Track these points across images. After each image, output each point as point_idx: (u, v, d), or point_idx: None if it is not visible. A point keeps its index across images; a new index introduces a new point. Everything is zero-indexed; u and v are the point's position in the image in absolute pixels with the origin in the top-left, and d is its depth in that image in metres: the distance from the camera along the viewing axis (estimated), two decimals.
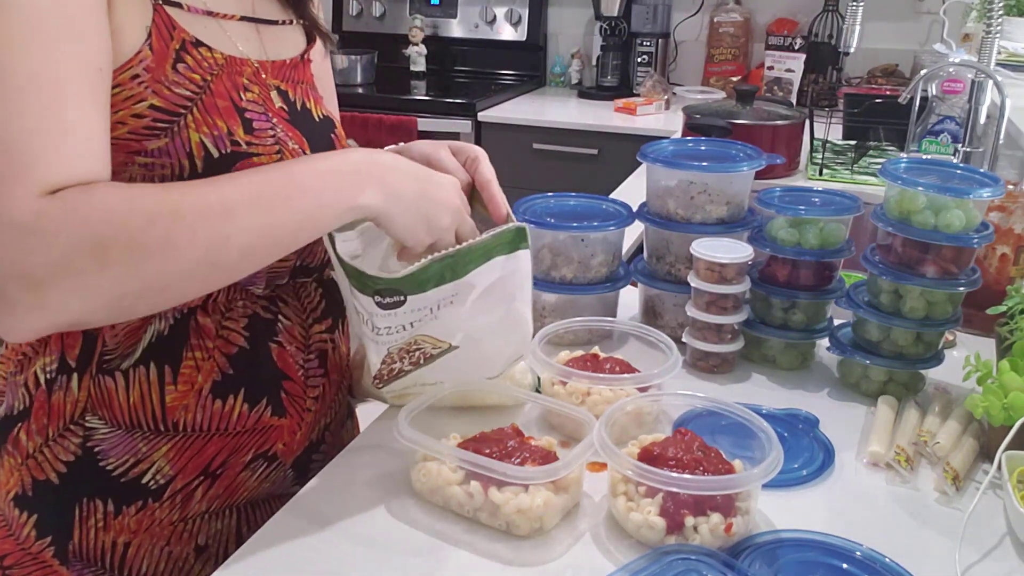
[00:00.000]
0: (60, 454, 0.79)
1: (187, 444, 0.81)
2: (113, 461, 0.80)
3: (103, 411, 0.79)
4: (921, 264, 0.98)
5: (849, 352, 1.04)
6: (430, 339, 0.84)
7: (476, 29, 3.27)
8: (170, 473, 0.81)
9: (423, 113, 2.82)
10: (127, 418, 0.79)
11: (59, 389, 0.79)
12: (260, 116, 0.81)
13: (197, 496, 0.83)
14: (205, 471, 0.83)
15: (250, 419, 0.84)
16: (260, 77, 0.83)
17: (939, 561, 0.76)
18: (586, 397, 0.94)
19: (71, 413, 0.79)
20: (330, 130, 0.92)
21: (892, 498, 0.85)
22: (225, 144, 0.77)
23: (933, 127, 1.90)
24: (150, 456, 0.80)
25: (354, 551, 0.76)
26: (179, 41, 0.76)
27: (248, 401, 0.83)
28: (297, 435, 0.89)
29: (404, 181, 0.76)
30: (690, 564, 0.72)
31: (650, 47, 3.06)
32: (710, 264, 1.04)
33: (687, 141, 1.27)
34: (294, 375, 0.87)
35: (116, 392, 0.79)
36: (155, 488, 0.81)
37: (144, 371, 0.79)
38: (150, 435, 0.80)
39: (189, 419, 0.81)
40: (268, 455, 0.87)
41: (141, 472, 0.81)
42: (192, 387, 0.80)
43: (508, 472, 0.76)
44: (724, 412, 0.85)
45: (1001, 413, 0.86)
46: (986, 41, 1.70)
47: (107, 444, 0.79)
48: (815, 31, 2.85)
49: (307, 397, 0.88)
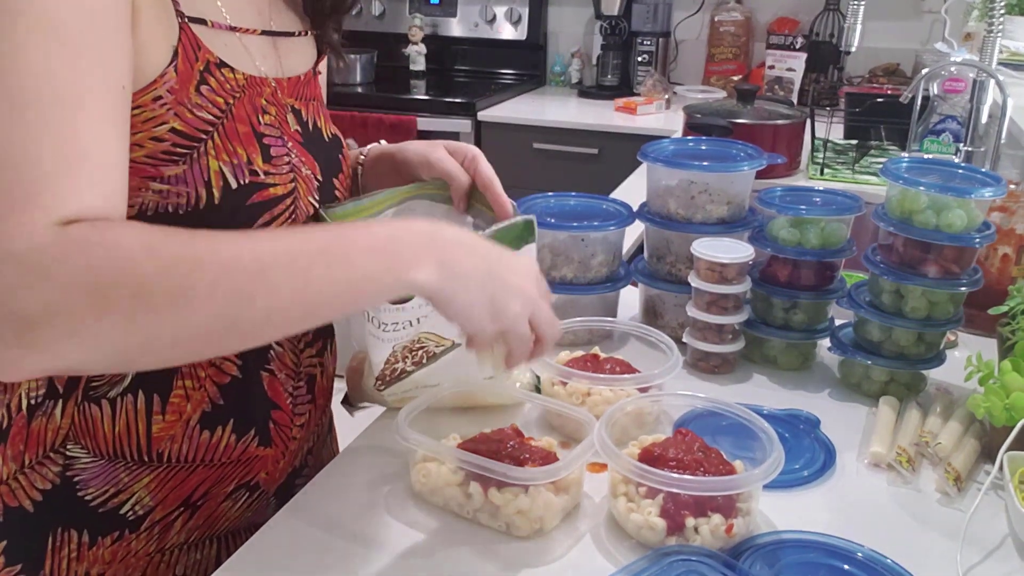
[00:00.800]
0: (36, 482, 0.76)
1: (170, 475, 0.79)
2: (92, 491, 0.77)
3: (86, 440, 0.76)
4: (923, 264, 0.98)
5: (850, 352, 1.04)
6: (434, 336, 0.84)
7: (476, 28, 3.26)
8: (150, 504, 0.79)
9: (423, 112, 2.82)
10: (110, 448, 0.76)
11: (42, 415, 0.76)
12: (277, 141, 0.78)
13: (176, 527, 0.81)
14: (185, 502, 0.80)
15: (236, 450, 0.81)
16: (277, 97, 0.80)
17: (941, 562, 0.76)
18: (586, 397, 0.94)
19: (52, 441, 0.76)
20: (339, 151, 0.89)
21: (893, 499, 0.85)
22: (244, 174, 0.73)
23: (935, 126, 1.90)
24: (131, 487, 0.78)
25: (354, 551, 0.75)
26: (203, 62, 0.72)
27: (236, 432, 0.81)
28: (280, 463, 0.86)
29: (469, 258, 0.67)
30: (691, 565, 0.72)
31: (651, 46, 3.06)
32: (711, 264, 1.03)
33: (688, 141, 1.27)
34: (283, 404, 0.84)
35: (101, 421, 0.75)
36: (133, 519, 0.79)
37: (132, 399, 0.76)
38: (133, 465, 0.77)
39: (174, 450, 0.78)
40: (251, 485, 0.84)
41: (120, 503, 0.78)
42: (180, 417, 0.77)
43: (508, 473, 0.76)
44: (725, 413, 0.84)
45: (1003, 413, 0.86)
46: (988, 40, 1.70)
47: (88, 474, 0.76)
48: (816, 30, 2.85)
49: (293, 426, 0.86)
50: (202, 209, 0.71)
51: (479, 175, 0.89)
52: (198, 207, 0.70)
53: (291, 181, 0.78)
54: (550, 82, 3.32)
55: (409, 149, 0.93)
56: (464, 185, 0.90)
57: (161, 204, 0.70)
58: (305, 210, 0.80)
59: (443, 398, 0.89)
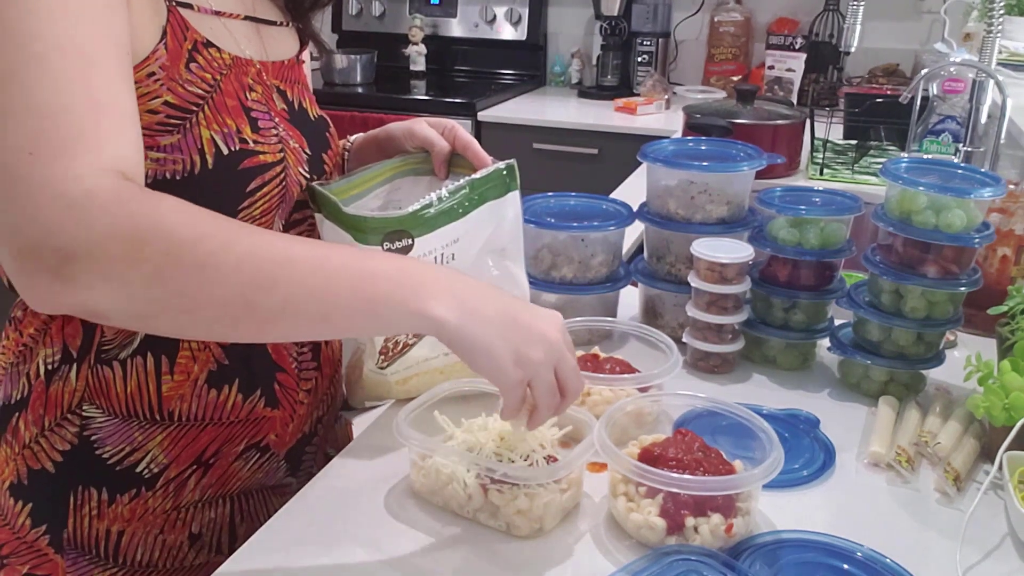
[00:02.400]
0: (56, 443, 0.80)
1: (181, 433, 0.82)
2: (109, 449, 0.80)
3: (101, 400, 0.80)
4: (922, 264, 0.98)
5: (850, 352, 1.04)
6: None
7: (476, 28, 3.26)
8: (164, 462, 0.82)
9: (423, 113, 2.79)
10: (124, 407, 0.80)
11: (59, 379, 0.80)
12: (264, 115, 0.82)
13: (190, 485, 0.84)
14: (198, 460, 0.84)
15: (243, 409, 0.85)
16: (262, 77, 0.85)
17: (940, 562, 0.76)
18: (586, 397, 0.94)
19: (69, 403, 0.80)
20: (325, 129, 0.94)
21: (893, 498, 0.85)
22: (234, 141, 0.78)
23: (934, 127, 1.90)
24: (145, 445, 0.81)
25: (354, 551, 0.76)
26: (191, 41, 0.77)
27: (242, 391, 0.84)
28: (289, 427, 0.90)
29: (491, 302, 0.68)
30: (690, 565, 0.72)
31: (650, 46, 3.06)
32: (711, 264, 1.04)
33: (687, 141, 1.27)
34: (287, 367, 0.88)
35: (114, 381, 0.79)
36: (148, 477, 0.82)
37: (141, 361, 0.80)
38: (146, 424, 0.81)
39: (184, 408, 0.82)
40: (260, 446, 0.88)
41: (136, 461, 0.81)
42: (188, 377, 0.81)
43: (509, 473, 0.76)
44: (724, 412, 0.85)
45: (1002, 413, 0.86)
46: (987, 40, 1.70)
47: (104, 433, 0.80)
48: (816, 30, 2.85)
49: (300, 389, 0.90)
50: (197, 174, 0.75)
51: (457, 140, 0.95)
52: (193, 172, 0.75)
53: (280, 151, 0.82)
54: (550, 82, 3.32)
55: (392, 126, 1.00)
56: (444, 151, 0.96)
57: (159, 172, 0.74)
58: (296, 179, 0.85)
59: (443, 399, 0.89)
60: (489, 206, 0.90)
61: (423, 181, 0.98)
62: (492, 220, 0.91)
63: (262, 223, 0.81)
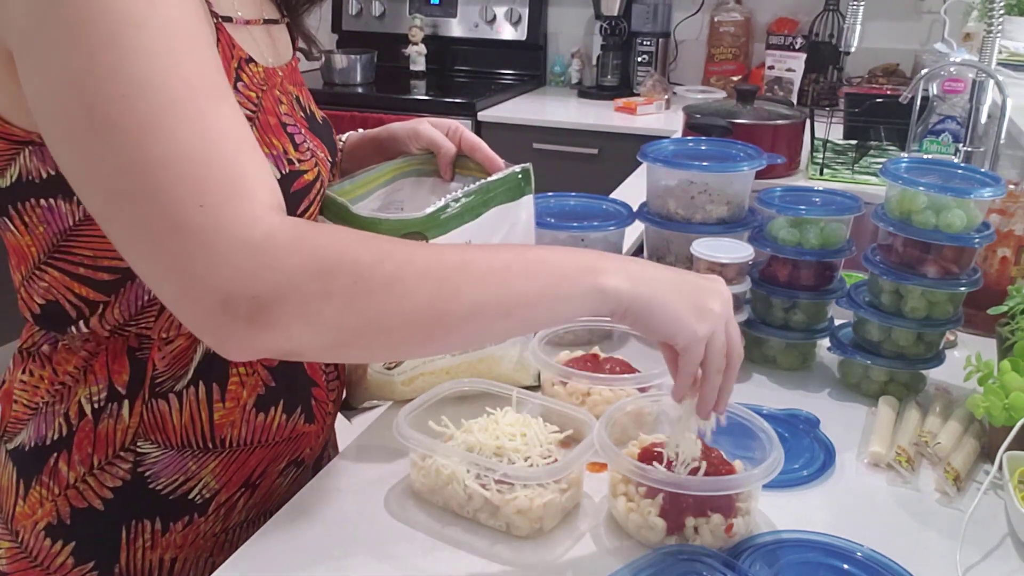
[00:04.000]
0: (107, 481, 0.78)
1: (232, 458, 0.82)
2: (163, 482, 0.79)
3: (156, 435, 0.78)
4: (922, 264, 0.98)
5: (850, 352, 1.04)
6: None
7: (476, 28, 3.26)
8: (215, 487, 0.81)
9: (423, 113, 2.81)
10: (179, 439, 0.79)
11: (108, 417, 0.77)
12: (296, 129, 0.80)
13: (239, 507, 0.84)
14: (246, 482, 0.84)
15: (287, 429, 0.85)
16: (285, 86, 0.82)
17: (940, 562, 0.76)
18: (586, 397, 0.94)
19: (122, 440, 0.77)
20: (331, 132, 0.93)
21: (893, 499, 0.85)
22: (284, 164, 0.76)
23: (934, 127, 1.90)
24: (198, 474, 0.80)
25: (354, 551, 0.76)
26: (237, 60, 0.74)
27: (286, 412, 0.84)
28: (320, 438, 0.91)
29: (655, 269, 0.69)
30: (690, 565, 0.72)
31: (650, 46, 3.06)
32: (710, 264, 1.03)
33: (687, 141, 1.27)
34: (320, 381, 0.88)
35: (170, 415, 0.78)
36: (200, 503, 0.81)
37: (194, 391, 0.78)
38: (199, 453, 0.80)
39: (235, 435, 0.81)
40: (298, 461, 0.88)
41: (188, 489, 0.80)
42: (238, 403, 0.80)
43: (509, 472, 0.76)
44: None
45: (1002, 413, 0.86)
46: (987, 40, 1.70)
47: (158, 467, 0.79)
48: (816, 30, 2.85)
49: (329, 401, 0.90)
50: None
51: (464, 141, 0.94)
52: None
53: (315, 166, 0.81)
54: (550, 82, 3.32)
55: (395, 126, 0.98)
56: (450, 153, 0.95)
57: None
58: (322, 193, 0.83)
59: (443, 399, 0.89)
60: (502, 208, 0.90)
61: (426, 183, 0.98)
62: (505, 223, 0.91)
63: None
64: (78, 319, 0.76)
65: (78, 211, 0.71)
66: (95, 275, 0.73)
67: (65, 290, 0.75)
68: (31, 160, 0.69)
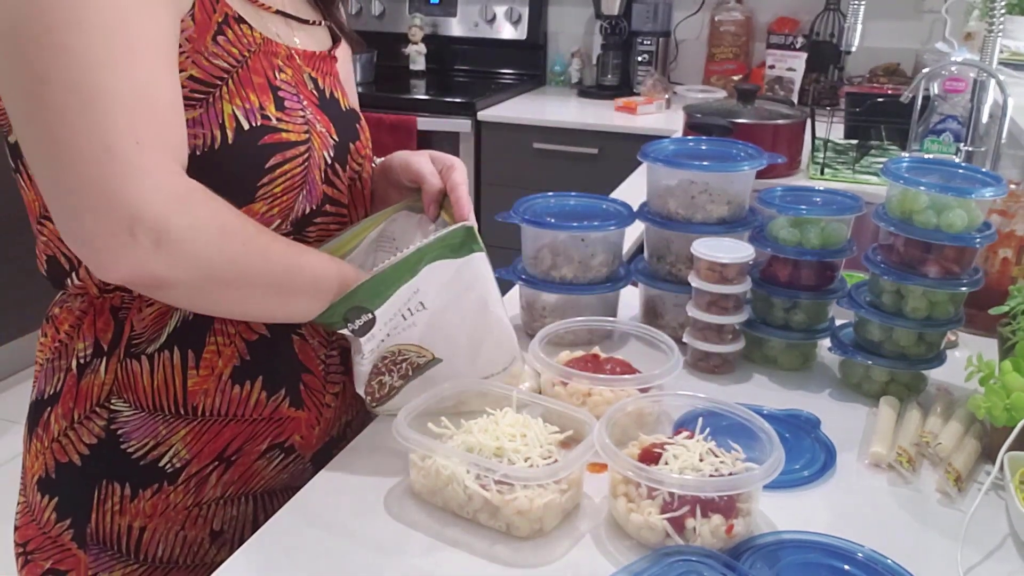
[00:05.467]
0: (84, 436, 0.81)
1: (204, 428, 0.83)
2: (134, 444, 0.81)
3: (128, 394, 0.81)
4: (923, 264, 0.98)
5: (851, 352, 1.04)
6: (413, 347, 0.86)
7: (476, 28, 3.26)
8: (186, 457, 0.83)
9: (422, 112, 2.81)
10: (150, 401, 0.81)
11: (90, 373, 0.81)
12: (292, 96, 0.82)
13: (211, 481, 0.85)
14: (220, 456, 0.84)
15: (267, 407, 0.85)
16: (294, 61, 0.85)
17: (941, 562, 0.76)
18: (587, 398, 0.93)
19: (98, 396, 0.81)
20: (355, 121, 0.94)
21: (894, 499, 0.85)
22: (256, 117, 0.78)
23: (935, 126, 1.90)
24: (168, 439, 0.82)
25: (353, 552, 0.75)
26: (222, 14, 0.77)
27: (266, 389, 0.85)
28: (316, 429, 0.90)
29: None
30: (691, 565, 0.72)
31: (651, 46, 3.06)
32: (711, 264, 1.03)
33: (688, 140, 1.27)
34: (314, 369, 0.89)
35: (141, 375, 0.81)
36: (171, 471, 0.83)
37: (168, 355, 0.81)
38: (170, 418, 0.82)
39: (208, 403, 0.82)
40: (285, 446, 0.88)
41: (159, 455, 0.82)
42: (212, 371, 0.82)
43: (509, 473, 0.76)
44: (725, 413, 0.84)
45: (1003, 414, 0.86)
46: (988, 40, 1.70)
47: (130, 427, 0.81)
48: (816, 30, 2.85)
49: (326, 392, 0.90)
50: (217, 149, 0.76)
51: (450, 180, 0.91)
52: (213, 147, 0.76)
53: (305, 132, 0.82)
54: (550, 82, 3.32)
55: (396, 155, 0.97)
56: (434, 188, 0.92)
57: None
58: (318, 162, 0.85)
59: (444, 398, 0.89)
60: (445, 263, 0.85)
61: (414, 218, 0.94)
62: (452, 269, 0.85)
63: (283, 201, 0.81)
64: (71, 271, 0.80)
65: None
66: None
67: (59, 242, 0.79)
68: None
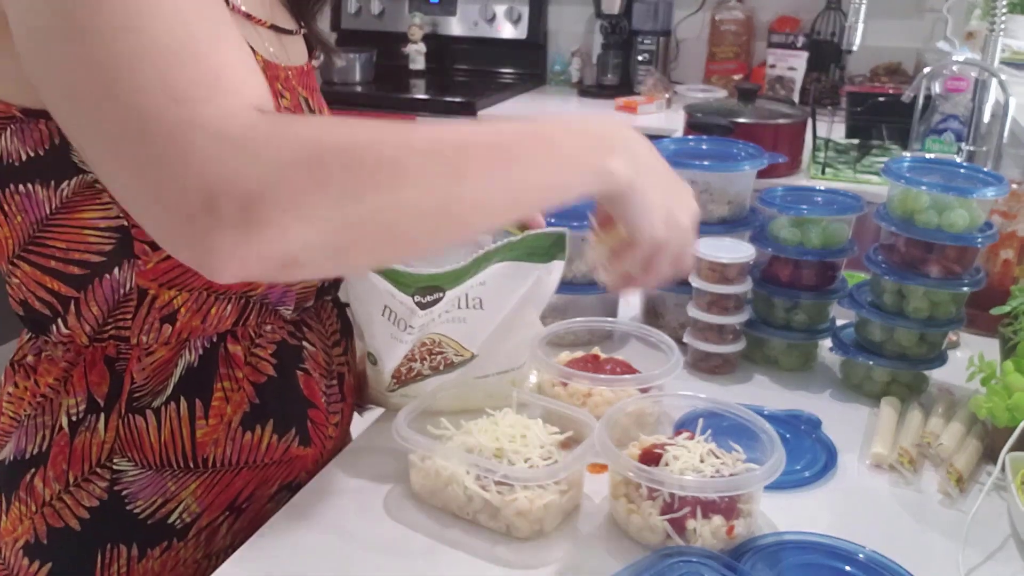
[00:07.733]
0: (83, 500, 0.75)
1: (215, 480, 0.78)
2: (141, 504, 0.76)
3: (132, 452, 0.75)
4: (924, 264, 0.98)
5: (852, 353, 1.03)
6: (454, 343, 0.88)
7: (476, 27, 3.26)
8: (196, 511, 0.78)
9: (422, 112, 2.81)
10: (157, 458, 0.76)
11: (85, 431, 0.75)
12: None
13: (222, 532, 0.80)
14: (231, 506, 0.80)
15: (278, 450, 0.81)
16: (290, 83, 0.81)
17: (942, 563, 0.76)
18: (587, 398, 0.93)
19: (97, 456, 0.75)
20: None
21: (895, 500, 0.85)
22: None
23: (936, 126, 1.89)
24: (178, 495, 0.77)
25: (353, 553, 0.75)
26: None
27: (277, 431, 0.81)
28: (319, 463, 0.87)
29: (654, 158, 0.69)
30: (691, 566, 0.72)
31: (651, 45, 3.05)
32: (712, 264, 1.03)
33: (688, 140, 1.26)
34: (319, 402, 0.85)
35: (147, 431, 0.75)
36: (180, 527, 0.78)
37: (175, 407, 0.76)
38: (179, 473, 0.77)
39: (219, 453, 0.78)
40: (292, 486, 0.84)
41: (168, 512, 0.77)
42: (222, 419, 0.77)
43: (509, 474, 0.75)
44: (726, 413, 0.84)
45: (1005, 414, 0.86)
46: (990, 39, 1.70)
47: (136, 486, 0.75)
48: (817, 29, 2.85)
49: (329, 424, 0.87)
50: None
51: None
52: None
53: None
54: (550, 81, 3.31)
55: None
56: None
57: None
58: None
59: (441, 397, 0.89)
60: (531, 265, 0.90)
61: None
62: (532, 278, 0.91)
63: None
64: (54, 317, 0.74)
65: (55, 198, 0.70)
66: (66, 268, 0.72)
67: (36, 286, 0.73)
68: (12, 141, 0.68)
